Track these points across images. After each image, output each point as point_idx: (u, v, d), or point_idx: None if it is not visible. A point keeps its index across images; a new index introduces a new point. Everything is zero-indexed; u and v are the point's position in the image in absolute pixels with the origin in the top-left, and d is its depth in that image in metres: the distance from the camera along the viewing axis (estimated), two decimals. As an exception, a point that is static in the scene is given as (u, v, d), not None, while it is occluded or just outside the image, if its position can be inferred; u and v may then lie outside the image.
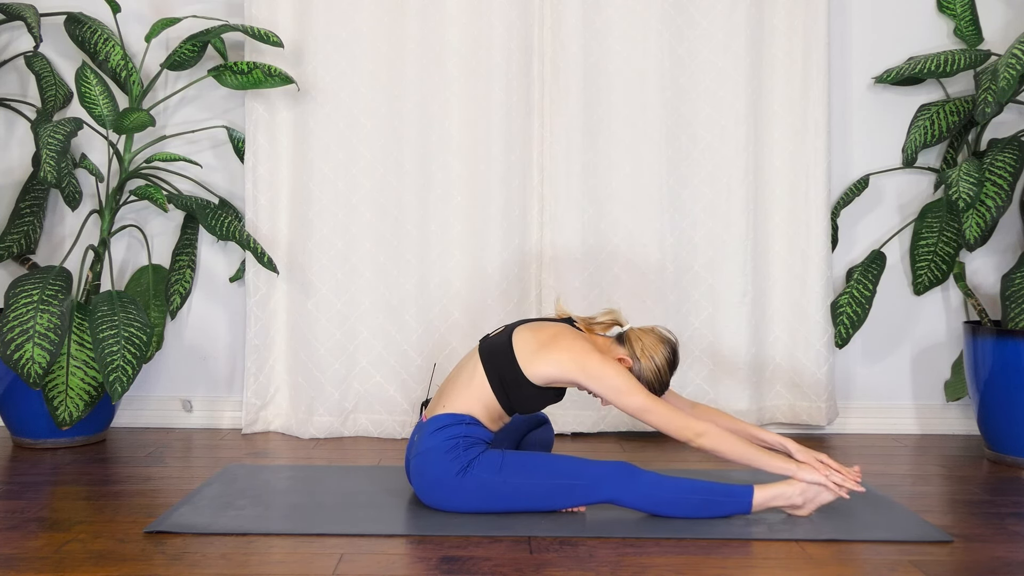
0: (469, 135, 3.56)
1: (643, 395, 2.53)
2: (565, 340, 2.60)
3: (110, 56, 3.52)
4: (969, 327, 3.35)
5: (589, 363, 2.55)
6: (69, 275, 3.28)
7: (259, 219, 3.60)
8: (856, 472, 2.55)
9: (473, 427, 2.56)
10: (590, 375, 2.55)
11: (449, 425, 2.56)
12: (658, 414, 2.51)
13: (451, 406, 2.59)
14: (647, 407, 2.52)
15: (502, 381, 2.59)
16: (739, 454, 2.50)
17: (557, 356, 2.58)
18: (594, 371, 2.55)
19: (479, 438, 2.56)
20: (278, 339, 3.63)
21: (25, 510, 2.61)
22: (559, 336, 2.61)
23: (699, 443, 2.50)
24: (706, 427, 2.50)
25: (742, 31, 3.56)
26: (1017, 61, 3.13)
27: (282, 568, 2.17)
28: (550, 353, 2.58)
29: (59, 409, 3.22)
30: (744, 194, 3.58)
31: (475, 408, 2.59)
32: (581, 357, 2.56)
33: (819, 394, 3.60)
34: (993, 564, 2.25)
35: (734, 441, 2.51)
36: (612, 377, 2.54)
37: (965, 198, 3.13)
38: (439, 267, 3.57)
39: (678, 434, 2.51)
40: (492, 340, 2.67)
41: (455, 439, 2.53)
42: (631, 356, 2.65)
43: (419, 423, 2.67)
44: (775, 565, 2.21)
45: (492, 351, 2.63)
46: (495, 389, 2.59)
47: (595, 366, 2.55)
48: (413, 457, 2.60)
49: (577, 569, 2.17)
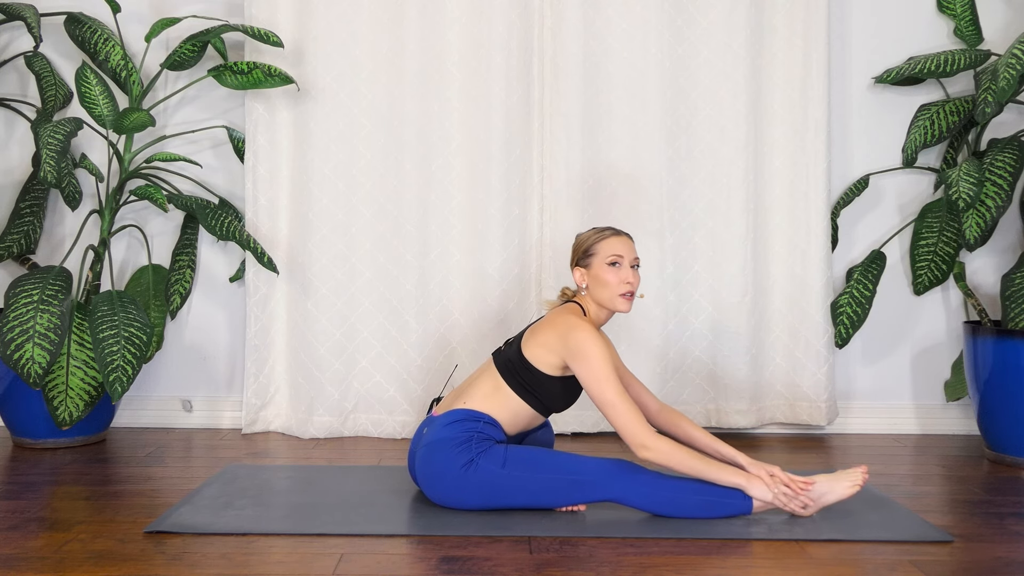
0: (469, 135, 3.56)
1: (614, 391, 2.51)
2: (551, 318, 2.64)
3: (110, 56, 3.52)
4: (969, 327, 3.35)
5: (573, 335, 2.55)
6: (69, 275, 3.28)
7: (259, 219, 3.60)
8: (863, 471, 2.54)
9: (490, 427, 2.59)
10: (572, 349, 2.55)
11: (466, 420, 2.58)
12: (620, 413, 2.50)
13: (472, 405, 2.61)
14: (613, 403, 2.51)
15: (522, 384, 2.61)
16: (687, 468, 2.48)
17: (544, 337, 2.61)
18: (576, 343, 2.54)
19: (491, 436, 2.58)
20: (278, 339, 3.63)
21: (25, 510, 2.61)
22: (550, 319, 2.65)
23: (642, 455, 2.48)
24: (656, 443, 2.47)
25: (742, 31, 3.56)
26: (1017, 61, 3.13)
27: (282, 568, 2.17)
28: (539, 335, 2.62)
29: (59, 409, 3.22)
30: (744, 194, 3.58)
31: (501, 414, 2.62)
32: (566, 329, 2.57)
33: (819, 394, 3.59)
34: (993, 564, 2.25)
35: (682, 456, 2.47)
36: (594, 359, 2.52)
37: (965, 198, 3.13)
38: (439, 267, 3.58)
39: (628, 440, 2.50)
40: (505, 350, 2.69)
41: (470, 433, 2.55)
42: (573, 260, 2.72)
43: (429, 417, 2.69)
44: (775, 565, 2.21)
45: (506, 359, 2.66)
46: (520, 394, 2.62)
47: (578, 338, 2.54)
48: (420, 448, 2.61)
49: (577, 569, 2.17)
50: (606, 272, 2.64)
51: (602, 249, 2.66)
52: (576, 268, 2.70)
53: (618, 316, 3.55)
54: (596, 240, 2.68)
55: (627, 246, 2.68)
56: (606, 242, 2.67)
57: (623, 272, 2.65)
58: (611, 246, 2.66)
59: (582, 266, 2.69)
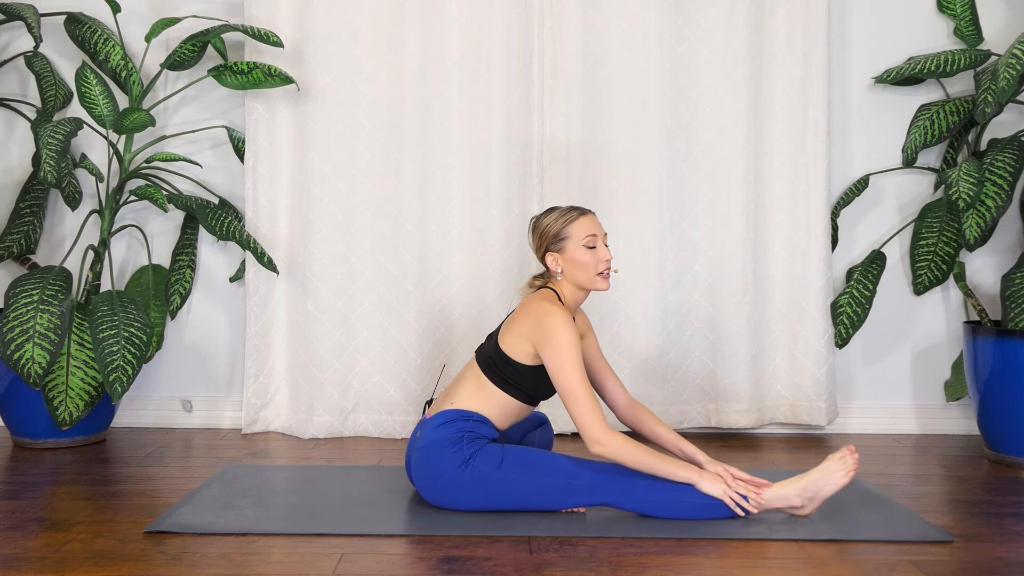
0: (469, 135, 3.56)
1: (577, 381, 2.48)
2: (522, 308, 2.61)
3: (110, 56, 3.52)
4: (969, 327, 3.35)
5: (546, 320, 2.52)
6: (69, 275, 3.28)
7: (259, 219, 3.60)
8: (851, 452, 2.51)
9: (480, 424, 2.59)
10: (542, 337, 2.53)
11: (455, 420, 2.58)
12: (579, 404, 2.48)
13: (459, 404, 2.62)
14: (575, 393, 2.48)
15: (505, 379, 2.61)
16: (638, 464, 2.46)
17: (519, 327, 2.60)
18: (549, 328, 2.52)
19: (483, 434, 2.58)
20: (278, 339, 3.64)
21: (25, 510, 2.61)
22: (524, 307, 2.62)
23: (595, 450, 2.46)
24: (609, 439, 2.45)
25: (742, 31, 3.56)
26: (1017, 61, 3.13)
27: (282, 568, 2.17)
28: (514, 325, 2.61)
29: (59, 409, 3.22)
30: (744, 194, 3.58)
31: (488, 410, 2.62)
32: (538, 315, 2.55)
33: (819, 394, 3.60)
34: (993, 564, 2.25)
35: (634, 452, 2.45)
36: (561, 346, 2.50)
37: (965, 198, 3.13)
38: (439, 267, 3.58)
39: (583, 433, 2.48)
40: (484, 347, 2.70)
41: (461, 432, 2.55)
42: (541, 255, 2.66)
43: (422, 420, 2.68)
44: (775, 565, 2.21)
45: (487, 355, 2.66)
46: (505, 389, 2.61)
47: (551, 324, 2.51)
48: (415, 451, 2.61)
49: (577, 569, 2.17)
50: (584, 254, 2.61)
51: (575, 231, 2.62)
52: (549, 254, 2.65)
53: (619, 314, 3.56)
54: (566, 223, 2.63)
55: (597, 224, 2.66)
56: (577, 224, 2.63)
57: (600, 251, 2.63)
58: (583, 227, 2.63)
59: (554, 251, 2.64)
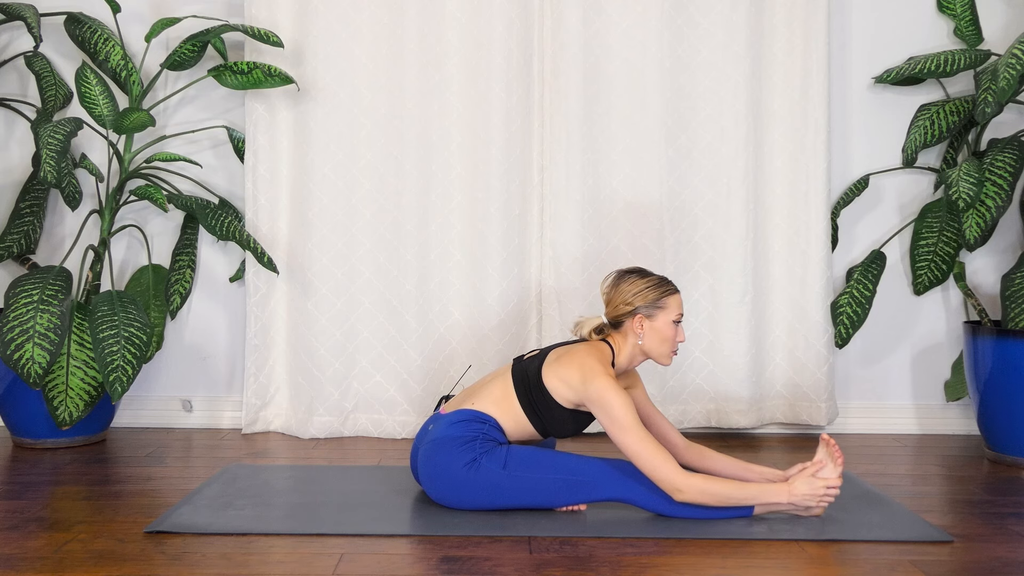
0: (469, 135, 3.56)
1: (637, 439, 2.47)
2: (577, 356, 2.60)
3: (110, 56, 3.52)
4: (969, 327, 3.35)
5: (593, 384, 2.53)
6: (69, 275, 3.28)
7: (259, 219, 3.60)
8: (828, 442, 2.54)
9: (495, 430, 2.60)
10: (591, 398, 2.54)
11: (473, 420, 2.58)
12: (646, 460, 2.46)
13: (480, 407, 2.62)
14: (638, 453, 2.47)
15: (532, 404, 2.61)
16: (726, 498, 2.47)
17: (565, 372, 2.59)
18: (596, 394, 2.52)
19: (496, 439, 2.59)
20: (278, 339, 3.64)
21: (25, 510, 2.61)
22: (576, 355, 2.61)
23: (679, 499, 2.47)
24: (688, 485, 2.44)
25: (742, 31, 3.56)
26: (1017, 61, 3.13)
27: (282, 568, 2.17)
28: (562, 368, 2.60)
29: (59, 409, 3.22)
30: (744, 194, 3.58)
31: (506, 421, 2.62)
32: (588, 375, 2.55)
33: (819, 394, 3.59)
34: (993, 564, 2.25)
35: (718, 488, 2.46)
36: (613, 407, 2.50)
37: (965, 198, 3.13)
38: (439, 267, 3.58)
39: (661, 486, 2.47)
40: (526, 363, 2.68)
41: (476, 433, 2.55)
42: (625, 312, 2.65)
43: (436, 414, 2.69)
44: (775, 565, 2.21)
45: (524, 373, 2.65)
46: (526, 411, 2.62)
47: (598, 388, 2.52)
48: (424, 444, 2.61)
49: (577, 569, 2.17)
50: (670, 329, 2.66)
51: (671, 305, 2.66)
52: (638, 317, 2.65)
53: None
54: (664, 294, 2.66)
55: (682, 304, 2.72)
56: (673, 299, 2.67)
57: (680, 332, 2.69)
58: (677, 304, 2.68)
59: (646, 316, 2.65)
